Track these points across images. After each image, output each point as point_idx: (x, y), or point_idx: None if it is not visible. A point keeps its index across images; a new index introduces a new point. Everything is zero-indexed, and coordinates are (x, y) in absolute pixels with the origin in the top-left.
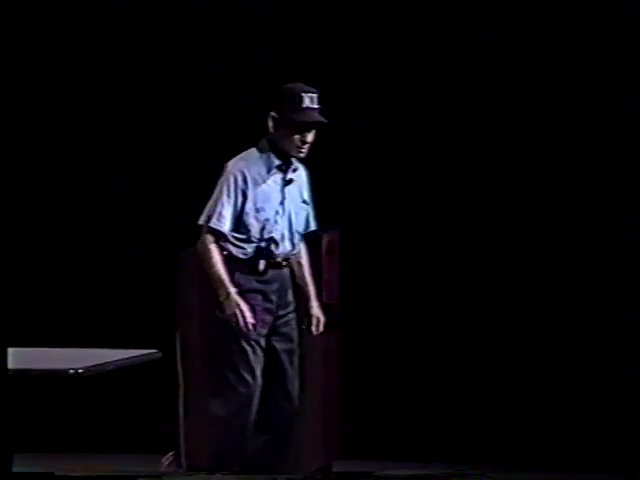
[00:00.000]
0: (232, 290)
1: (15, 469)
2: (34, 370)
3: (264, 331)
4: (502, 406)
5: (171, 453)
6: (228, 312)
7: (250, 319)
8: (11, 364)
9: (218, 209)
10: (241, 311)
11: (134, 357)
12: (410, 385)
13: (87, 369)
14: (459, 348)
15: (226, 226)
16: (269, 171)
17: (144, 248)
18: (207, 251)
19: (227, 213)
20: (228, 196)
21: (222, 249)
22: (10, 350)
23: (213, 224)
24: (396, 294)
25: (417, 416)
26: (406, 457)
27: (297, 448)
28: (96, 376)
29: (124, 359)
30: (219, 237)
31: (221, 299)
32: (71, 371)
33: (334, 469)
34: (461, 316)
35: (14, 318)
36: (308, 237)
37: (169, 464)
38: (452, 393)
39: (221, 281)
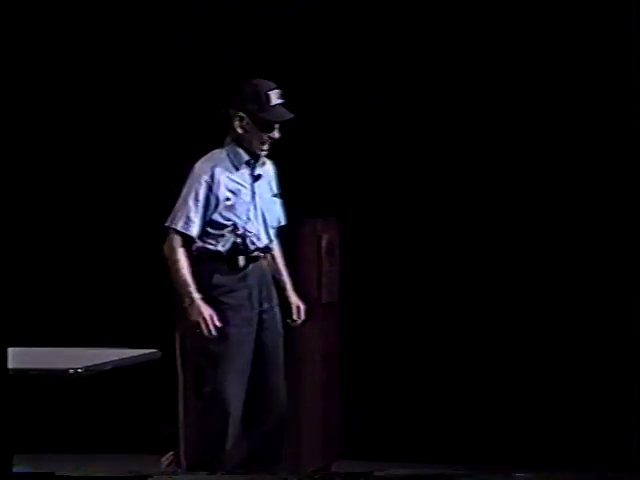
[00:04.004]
0: (196, 296)
1: (15, 469)
2: (33, 370)
3: (251, 329)
4: (502, 406)
5: (170, 453)
6: (192, 319)
7: (213, 326)
8: (10, 364)
9: (186, 212)
10: (204, 319)
11: (134, 357)
12: (410, 385)
13: (87, 369)
14: (459, 348)
15: (194, 229)
16: (237, 168)
17: (144, 248)
18: (173, 254)
19: (195, 216)
20: (196, 199)
21: (190, 252)
22: (9, 350)
23: (181, 227)
24: (396, 294)
25: (417, 416)
26: (406, 457)
27: (294, 445)
28: (96, 376)
29: (124, 359)
30: (186, 240)
31: (185, 305)
32: (71, 371)
33: (333, 469)
34: (461, 316)
35: (14, 318)
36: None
37: (168, 464)
38: (452, 393)
39: (186, 286)
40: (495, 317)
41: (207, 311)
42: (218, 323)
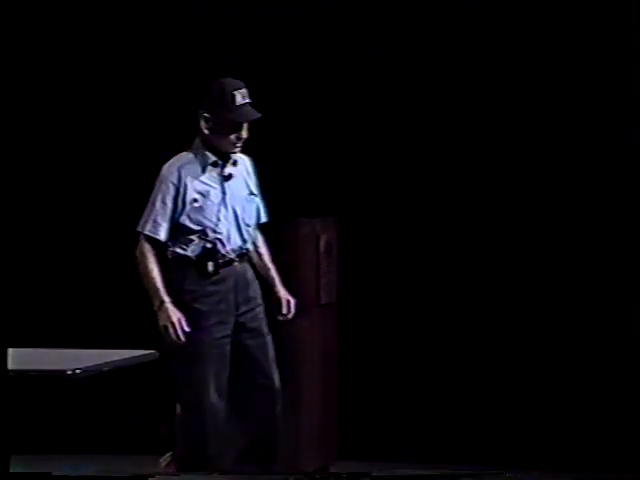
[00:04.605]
0: (166, 299)
1: (12, 470)
2: (32, 371)
3: (225, 333)
4: (502, 406)
5: (169, 454)
6: (160, 323)
7: (181, 330)
8: (10, 365)
9: (153, 216)
10: (172, 323)
11: (131, 358)
12: (409, 385)
13: (85, 370)
14: (458, 348)
15: (162, 233)
16: (204, 169)
17: None
18: (143, 259)
19: (162, 220)
20: (163, 202)
21: (160, 255)
22: (8, 351)
23: (148, 231)
24: (394, 294)
25: (416, 416)
26: (405, 457)
27: (292, 445)
28: (94, 377)
29: (122, 360)
30: (156, 244)
31: (155, 309)
32: (69, 372)
33: (332, 470)
34: (460, 316)
35: (14, 318)
36: (263, 228)
37: (166, 465)
38: (451, 393)
39: (155, 290)
40: (494, 317)
41: (175, 315)
42: (187, 328)
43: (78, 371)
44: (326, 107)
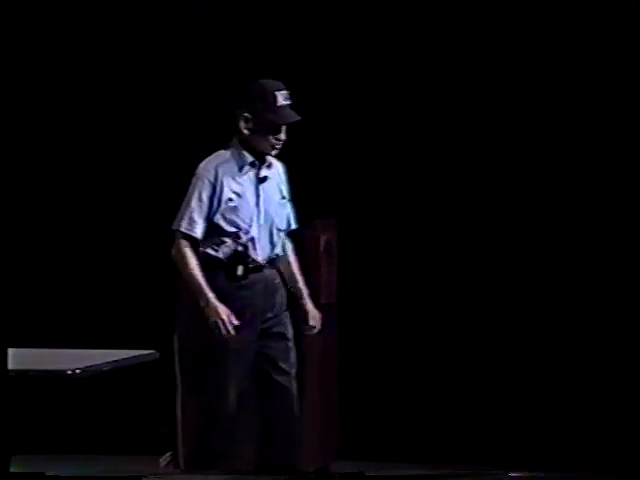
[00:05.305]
0: (211, 296)
1: (12, 470)
2: (32, 370)
3: (250, 337)
4: (502, 406)
5: (169, 453)
6: (210, 320)
7: (230, 325)
8: (10, 365)
9: (189, 213)
10: (222, 320)
11: (132, 358)
12: (409, 385)
13: (85, 369)
14: (458, 348)
15: (198, 230)
16: (241, 169)
17: (143, 247)
18: (182, 257)
19: (199, 217)
20: (200, 200)
21: (198, 253)
22: (8, 351)
23: (185, 229)
24: (394, 294)
25: (416, 416)
26: (405, 457)
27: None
28: (94, 376)
29: (122, 360)
30: (192, 242)
31: (202, 305)
32: (69, 372)
33: (332, 469)
34: (460, 315)
35: (14, 318)
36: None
37: (167, 464)
38: (451, 393)
39: (199, 288)
40: (494, 317)
41: (224, 311)
42: (235, 322)
43: (78, 371)
44: (326, 108)
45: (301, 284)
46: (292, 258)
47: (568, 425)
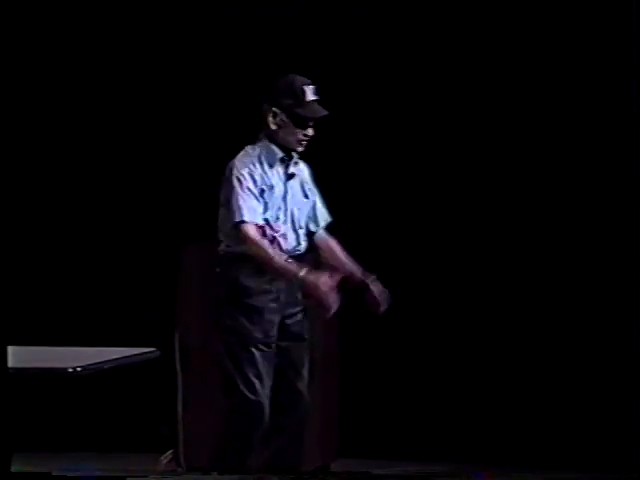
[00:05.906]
0: (302, 274)
1: (13, 468)
2: (33, 368)
3: (274, 331)
4: (502, 406)
5: (169, 452)
6: (319, 291)
7: (333, 299)
8: (10, 362)
9: (246, 203)
10: (323, 292)
11: (132, 356)
12: (409, 384)
13: (86, 367)
14: (458, 348)
15: (260, 217)
16: (272, 165)
17: (144, 246)
18: (256, 245)
19: (255, 205)
20: (248, 189)
21: (220, 249)
22: (9, 348)
23: (249, 218)
24: (394, 294)
25: (416, 415)
26: (406, 456)
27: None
28: (95, 374)
29: (123, 358)
30: (259, 229)
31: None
32: (70, 369)
33: (333, 468)
34: (461, 316)
35: (14, 317)
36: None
37: (167, 463)
38: (451, 393)
39: (287, 269)
40: (494, 317)
41: (321, 281)
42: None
43: (79, 369)
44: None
45: (350, 264)
46: (333, 243)
47: (568, 425)
